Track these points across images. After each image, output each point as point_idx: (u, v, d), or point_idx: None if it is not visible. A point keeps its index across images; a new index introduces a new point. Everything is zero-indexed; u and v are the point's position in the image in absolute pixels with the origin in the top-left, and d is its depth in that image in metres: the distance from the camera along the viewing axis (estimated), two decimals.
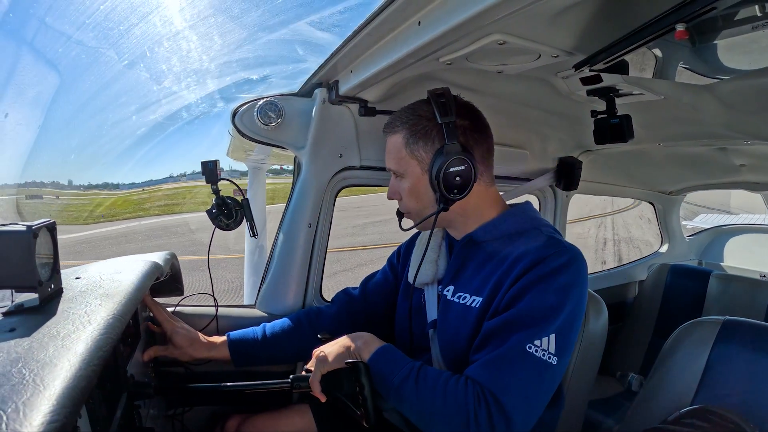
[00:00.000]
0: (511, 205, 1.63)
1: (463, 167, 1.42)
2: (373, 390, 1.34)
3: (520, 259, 1.39)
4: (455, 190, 1.43)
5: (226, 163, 1.89)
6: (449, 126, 1.41)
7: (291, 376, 1.45)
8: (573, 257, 1.35)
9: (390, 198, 1.61)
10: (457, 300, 1.52)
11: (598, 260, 11.07)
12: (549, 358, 1.27)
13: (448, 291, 1.58)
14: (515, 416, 1.23)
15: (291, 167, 2.13)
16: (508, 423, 1.23)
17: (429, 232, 1.62)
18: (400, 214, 1.64)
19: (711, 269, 3.35)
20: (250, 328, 1.80)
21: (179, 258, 1.83)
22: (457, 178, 1.42)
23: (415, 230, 1.66)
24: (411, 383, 1.32)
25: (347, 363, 1.37)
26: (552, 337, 1.28)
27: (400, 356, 1.40)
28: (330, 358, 1.41)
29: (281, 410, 1.82)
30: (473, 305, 1.46)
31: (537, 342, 1.27)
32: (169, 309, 1.85)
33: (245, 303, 2.17)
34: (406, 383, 1.33)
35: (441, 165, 1.40)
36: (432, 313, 1.63)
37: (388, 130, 1.54)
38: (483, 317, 1.41)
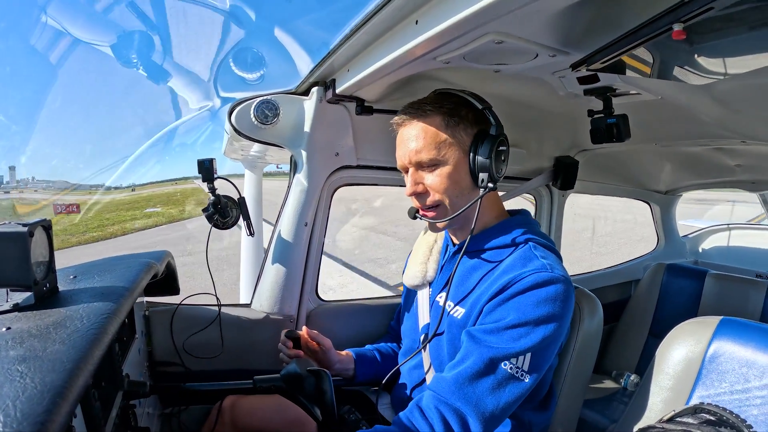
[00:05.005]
0: (509, 211, 1.63)
1: (505, 148, 1.45)
2: (332, 396, 1.40)
3: (503, 275, 1.39)
4: (501, 170, 1.45)
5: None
6: (490, 110, 1.46)
7: (254, 377, 1.51)
8: (555, 278, 1.33)
9: (413, 193, 1.49)
10: (447, 309, 1.53)
11: None
12: (521, 375, 1.29)
13: (440, 298, 1.59)
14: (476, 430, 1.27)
15: (287, 166, 2.13)
16: None
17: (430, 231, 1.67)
18: (415, 212, 1.55)
19: (707, 269, 3.35)
20: (366, 349, 1.94)
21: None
22: (502, 157, 1.45)
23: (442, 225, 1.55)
24: None
25: (309, 370, 1.44)
26: (528, 355, 1.29)
27: None
28: None
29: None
30: (458, 316, 1.48)
31: (513, 360, 1.28)
32: (172, 307, 1.88)
33: (241, 302, 2.17)
34: None
35: (492, 143, 1.41)
36: (424, 317, 1.65)
37: (414, 115, 1.47)
38: (464, 328, 1.42)
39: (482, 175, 1.42)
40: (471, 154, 1.43)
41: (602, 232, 15.68)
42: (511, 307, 1.32)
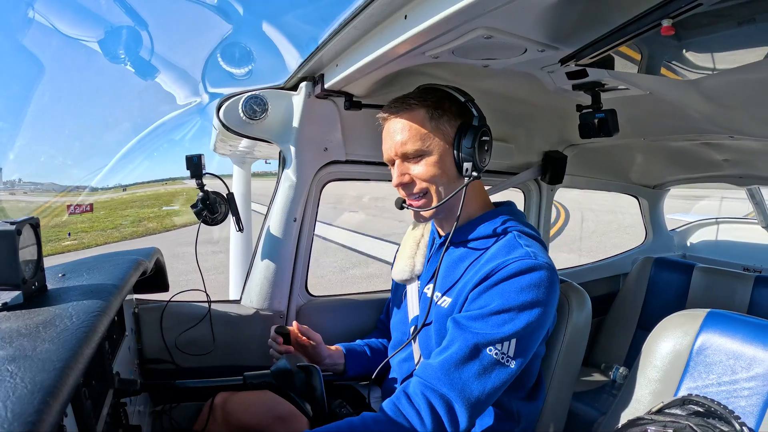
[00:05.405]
0: (495, 203, 1.64)
1: (488, 138, 1.48)
2: (322, 391, 1.41)
3: (487, 263, 1.41)
4: (485, 160, 1.48)
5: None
6: (472, 103, 1.49)
7: (245, 374, 1.51)
8: (538, 265, 1.35)
9: (400, 184, 1.53)
10: (434, 299, 1.55)
11: None
12: (507, 361, 1.31)
13: (428, 289, 1.60)
14: (463, 417, 1.29)
15: (276, 161, 2.12)
16: (456, 424, 1.29)
17: (419, 224, 1.71)
18: (402, 202, 1.58)
19: (694, 262, 3.38)
20: (356, 344, 1.95)
21: None
22: (485, 147, 1.47)
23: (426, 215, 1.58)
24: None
25: (299, 366, 1.44)
26: (513, 341, 1.30)
27: None
28: None
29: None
30: (444, 305, 1.49)
31: (498, 345, 1.30)
32: (162, 304, 1.88)
33: (230, 298, 2.17)
34: None
35: (476, 134, 1.44)
36: (413, 310, 1.66)
37: (399, 109, 1.50)
38: (450, 316, 1.44)
39: (466, 165, 1.45)
40: (455, 145, 1.46)
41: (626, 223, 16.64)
42: (495, 293, 1.34)
